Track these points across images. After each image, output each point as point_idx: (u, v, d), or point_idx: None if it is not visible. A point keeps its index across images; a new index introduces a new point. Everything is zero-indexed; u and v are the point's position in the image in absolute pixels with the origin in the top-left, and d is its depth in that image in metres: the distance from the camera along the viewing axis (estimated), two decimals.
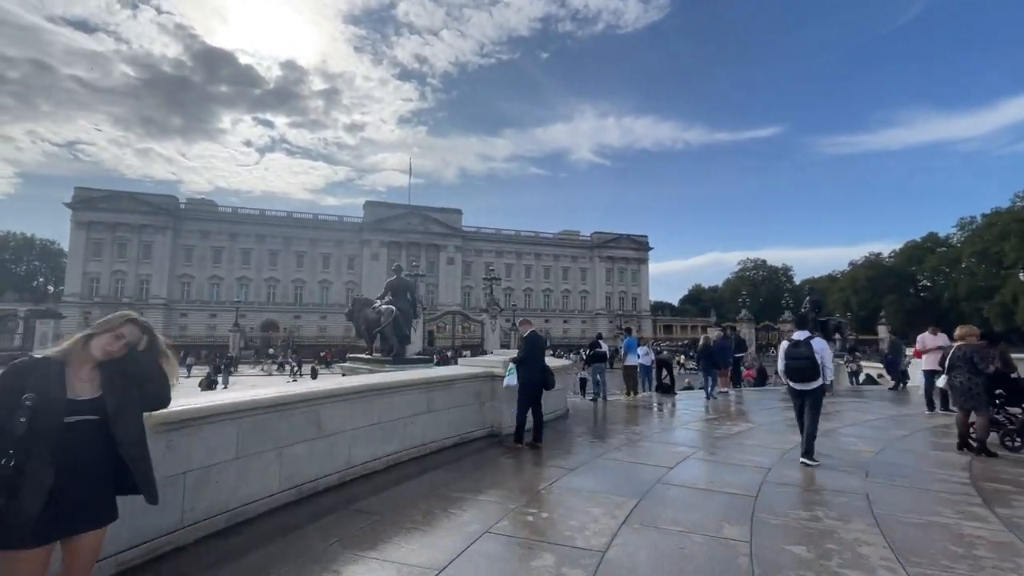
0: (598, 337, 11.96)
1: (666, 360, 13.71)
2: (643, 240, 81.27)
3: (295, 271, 64.64)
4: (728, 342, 13.33)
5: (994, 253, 66.72)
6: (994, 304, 65.03)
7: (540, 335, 7.02)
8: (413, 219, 68.23)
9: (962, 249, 75.47)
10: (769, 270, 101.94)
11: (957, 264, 77.75)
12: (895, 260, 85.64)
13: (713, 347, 11.75)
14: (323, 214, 69.37)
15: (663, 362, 13.36)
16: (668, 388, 12.59)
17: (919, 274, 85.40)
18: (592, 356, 11.26)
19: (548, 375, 6.55)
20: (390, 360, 11.45)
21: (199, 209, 63.26)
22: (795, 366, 5.63)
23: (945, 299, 76.91)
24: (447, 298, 67.27)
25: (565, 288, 77.01)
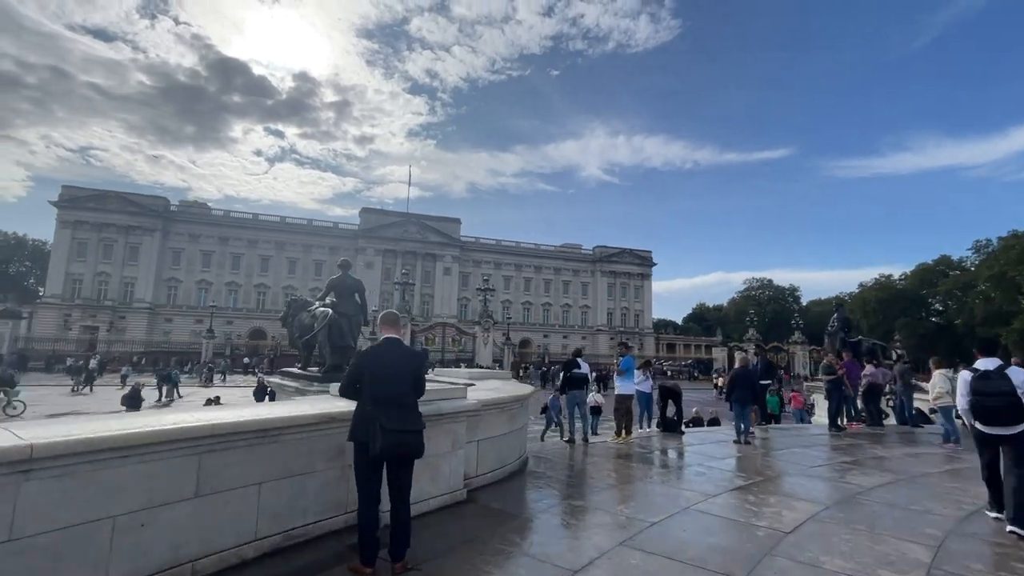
0: (575, 355, 8.84)
1: (672, 388, 10.31)
2: (647, 255, 79.07)
3: (286, 278, 62.62)
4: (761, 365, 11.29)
5: (1011, 277, 64.11)
6: (1012, 330, 62.21)
7: (398, 341, 3.75)
8: (410, 227, 66.32)
9: (977, 272, 72.88)
10: (775, 290, 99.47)
11: (972, 288, 75.07)
12: (907, 282, 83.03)
13: (753, 371, 9.25)
14: (318, 220, 67.57)
15: (668, 391, 10.18)
16: (674, 424, 9.73)
17: (931, 297, 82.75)
18: (568, 380, 8.39)
19: (409, 436, 3.33)
20: (320, 377, 9.20)
21: (189, 211, 61.58)
22: (991, 404, 4.47)
23: (960, 324, 74.10)
24: (443, 309, 65.08)
25: (565, 302, 74.68)
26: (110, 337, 51.61)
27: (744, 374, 8.87)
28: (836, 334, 14.72)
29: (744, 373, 8.88)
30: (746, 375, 8.87)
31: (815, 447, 8.56)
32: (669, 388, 10.20)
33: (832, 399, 9.86)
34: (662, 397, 9.95)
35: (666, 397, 10.01)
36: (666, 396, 10.02)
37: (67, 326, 51.88)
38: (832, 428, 9.88)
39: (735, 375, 8.92)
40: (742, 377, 8.79)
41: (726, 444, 8.35)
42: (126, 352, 45.23)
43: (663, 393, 10.03)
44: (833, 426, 9.93)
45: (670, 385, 10.41)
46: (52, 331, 49.86)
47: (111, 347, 48.31)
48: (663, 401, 9.91)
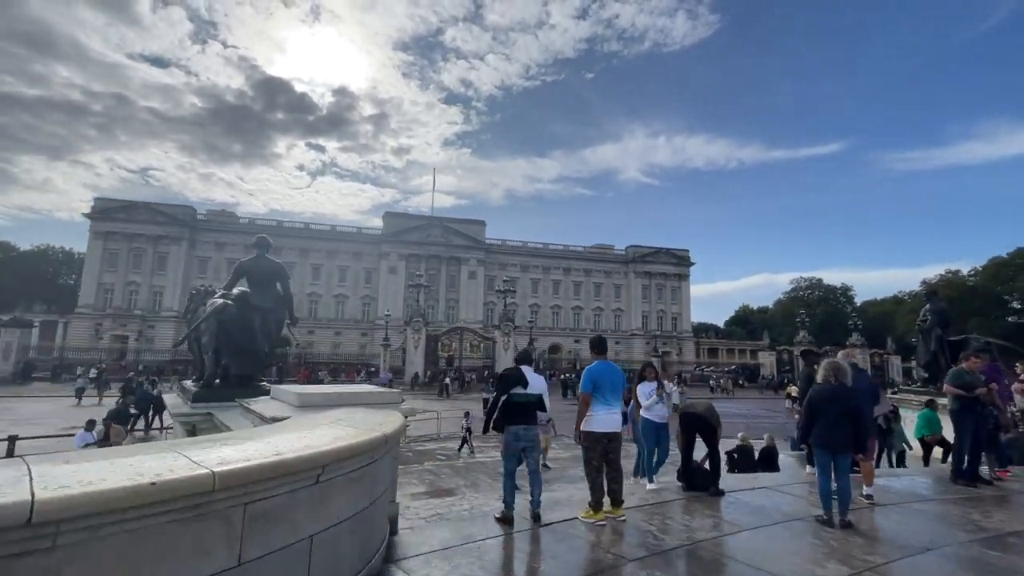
0: (520, 360, 4.98)
1: (700, 416, 6.03)
2: (684, 255, 74.53)
3: (310, 284, 61.92)
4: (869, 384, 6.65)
5: None
6: None
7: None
8: (433, 231, 64.57)
9: None
10: (826, 290, 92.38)
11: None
12: (979, 278, 75.11)
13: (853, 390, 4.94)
14: (341, 225, 66.86)
15: (695, 420, 6.05)
16: (704, 477, 5.88)
17: (1007, 294, 74.44)
18: (508, 405, 4.68)
19: None
20: (203, 393, 6.74)
21: (216, 220, 61.90)
22: None
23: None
24: (468, 314, 62.84)
25: (597, 306, 71.10)
26: (139, 346, 51.93)
27: (835, 394, 4.62)
28: (931, 331, 11.14)
29: (835, 392, 4.63)
30: (839, 395, 4.61)
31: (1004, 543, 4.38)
32: (696, 416, 5.98)
33: (964, 430, 6.05)
34: (685, 430, 6.05)
35: (691, 430, 6.04)
36: (691, 428, 6.04)
37: (98, 335, 52.55)
38: (963, 478, 6.09)
39: (816, 397, 4.74)
40: (831, 398, 4.60)
41: (807, 527, 4.64)
42: (154, 360, 45.04)
43: (686, 424, 6.06)
44: (965, 476, 6.09)
45: (699, 411, 6.00)
46: (85, 341, 50.59)
47: (140, 356, 48.43)
48: (686, 436, 6.02)
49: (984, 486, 5.99)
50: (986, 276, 74.32)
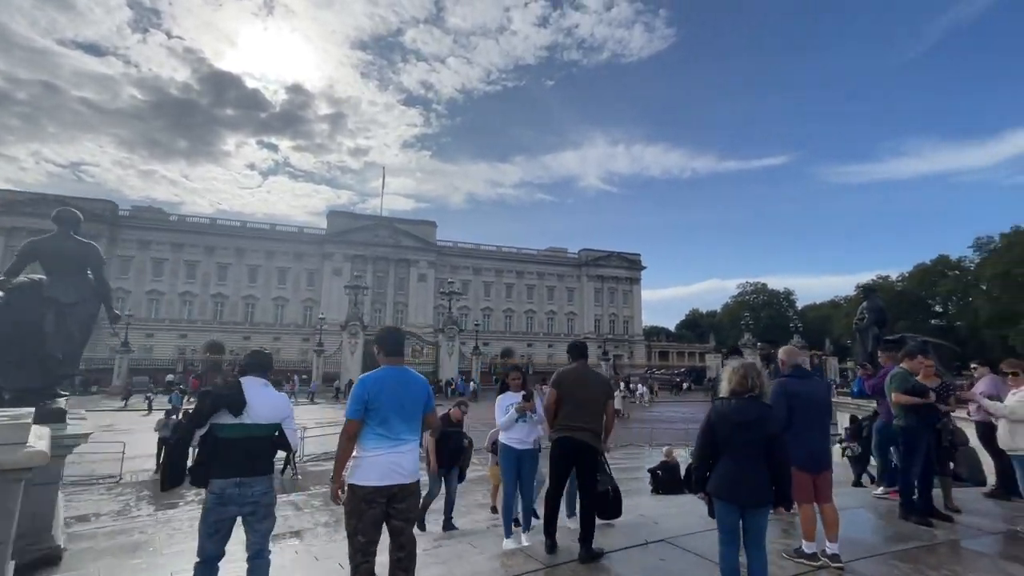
0: (248, 367, 3.29)
1: (581, 446, 4.04)
2: (636, 258, 75.22)
3: (247, 287, 58.08)
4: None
5: (1017, 275, 60.86)
6: (1021, 330, 58.78)
7: None
8: (381, 231, 62.11)
9: (980, 271, 69.71)
10: (770, 294, 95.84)
11: (975, 288, 71.87)
12: (906, 284, 79.81)
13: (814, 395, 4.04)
14: (281, 224, 63.32)
15: (578, 448, 4.05)
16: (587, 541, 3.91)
17: (931, 298, 79.55)
18: (211, 444, 3.00)
19: None
20: None
21: (141, 217, 57.05)
22: None
23: (963, 326, 70.77)
24: (418, 318, 60.71)
25: (550, 309, 70.52)
26: None
27: (745, 413, 2.91)
28: (868, 329, 10.56)
29: (745, 411, 2.91)
30: (753, 415, 2.89)
31: None
32: (574, 443, 4.03)
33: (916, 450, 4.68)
34: (557, 462, 4.12)
35: (566, 461, 4.12)
36: (567, 459, 4.11)
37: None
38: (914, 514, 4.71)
39: (718, 418, 2.97)
40: (742, 421, 2.88)
41: None
42: None
43: (561, 453, 4.10)
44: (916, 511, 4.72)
45: (577, 438, 4.03)
46: None
47: None
48: (558, 469, 4.12)
49: (940, 521, 4.74)
50: (912, 282, 79.05)
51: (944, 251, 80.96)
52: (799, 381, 3.99)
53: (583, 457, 4.05)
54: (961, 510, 5.00)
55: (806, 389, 3.94)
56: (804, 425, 3.81)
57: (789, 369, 4.14)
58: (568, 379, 4.22)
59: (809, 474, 3.78)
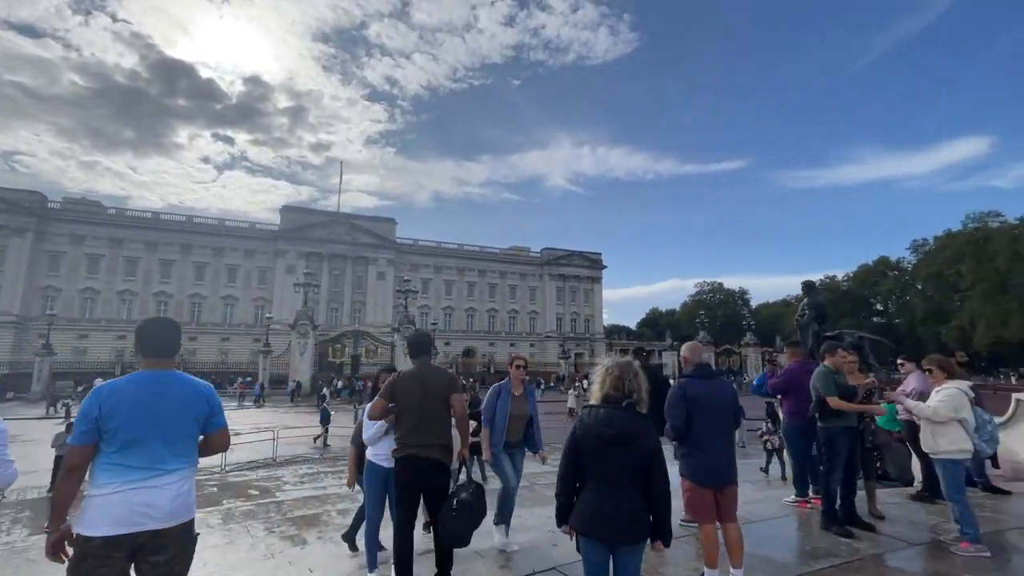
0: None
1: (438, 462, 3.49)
2: (597, 258, 75.94)
3: (193, 285, 55.12)
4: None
5: (948, 276, 64.93)
6: (951, 328, 62.72)
7: None
8: (338, 228, 60.23)
9: (916, 272, 74.05)
10: (726, 293, 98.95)
11: (912, 287, 76.29)
12: (850, 283, 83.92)
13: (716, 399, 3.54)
14: (231, 220, 60.43)
15: (424, 468, 3.44)
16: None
17: (872, 297, 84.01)
18: None
19: None
20: None
21: (74, 209, 53.17)
22: None
23: (901, 323, 74.97)
24: (376, 318, 59.22)
25: (512, 308, 70.24)
26: None
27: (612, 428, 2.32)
28: (808, 325, 10.58)
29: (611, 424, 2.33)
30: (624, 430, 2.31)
31: None
32: (422, 465, 3.43)
33: (837, 453, 4.40)
34: (406, 489, 3.51)
35: (415, 489, 3.52)
36: (416, 487, 3.50)
37: None
38: (836, 524, 4.40)
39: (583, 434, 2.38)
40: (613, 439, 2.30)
41: None
42: None
43: (407, 478, 3.48)
44: (837, 521, 4.41)
45: (423, 456, 3.41)
46: None
47: None
48: (407, 498, 3.50)
49: (863, 531, 4.35)
50: (856, 281, 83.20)
51: (886, 253, 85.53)
52: (701, 382, 3.51)
53: (433, 479, 3.43)
54: (885, 516, 4.79)
55: (709, 391, 3.45)
56: (706, 433, 3.36)
57: (692, 368, 3.64)
58: (404, 385, 3.49)
59: (710, 489, 3.32)
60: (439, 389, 3.52)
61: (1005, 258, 54.46)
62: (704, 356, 3.75)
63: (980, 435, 4.21)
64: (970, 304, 59.70)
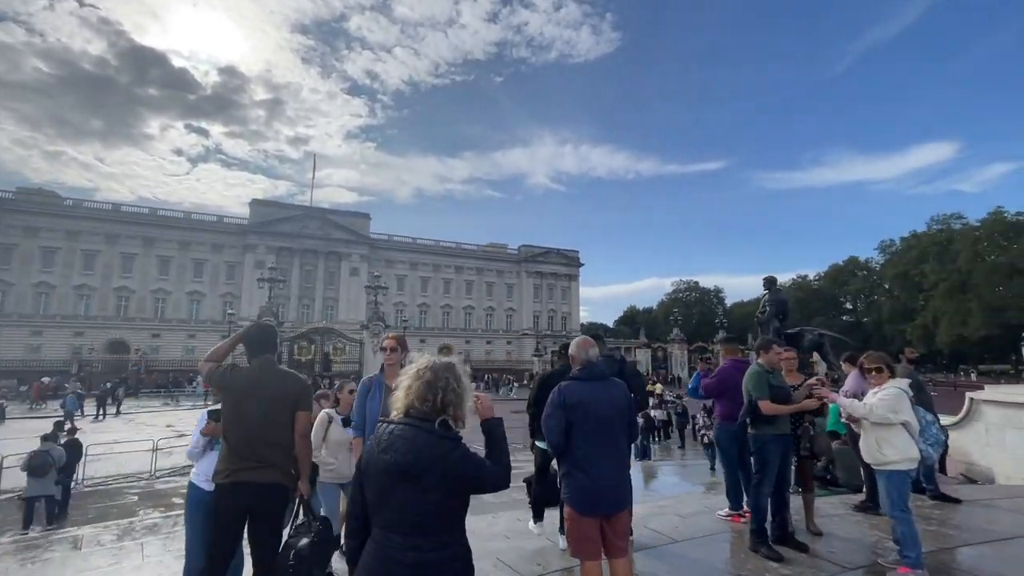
0: None
1: (264, 495, 2.81)
2: (574, 255, 75.92)
3: (157, 280, 53.11)
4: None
5: (913, 276, 66.71)
6: (915, 326, 64.47)
7: None
8: (311, 222, 58.80)
9: (883, 272, 75.90)
10: (701, 292, 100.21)
11: (879, 286, 78.20)
12: (821, 282, 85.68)
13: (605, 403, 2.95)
14: (198, 213, 58.50)
15: (251, 502, 2.78)
16: None
17: (842, 296, 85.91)
18: None
19: None
20: None
21: (28, 200, 50.64)
22: None
23: (868, 322, 76.81)
24: (349, 314, 57.98)
25: (489, 305, 69.72)
26: None
27: (389, 454, 1.71)
28: (769, 322, 10.37)
29: (385, 446, 1.74)
30: (400, 452, 1.69)
31: None
32: (250, 493, 2.74)
33: (768, 462, 4.00)
34: (222, 528, 2.80)
35: (236, 524, 2.79)
36: (238, 521, 2.78)
37: None
38: (764, 545, 3.95)
39: (368, 458, 1.80)
40: (389, 468, 1.70)
41: None
42: None
43: (227, 508, 2.77)
44: (765, 540, 3.98)
45: (252, 481, 2.74)
46: None
47: None
48: (221, 535, 2.79)
49: (796, 551, 3.90)
50: (827, 280, 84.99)
51: (856, 253, 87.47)
52: (587, 385, 2.89)
53: (263, 509, 2.73)
54: (823, 533, 4.40)
55: (595, 396, 2.85)
56: (589, 448, 2.76)
57: (578, 367, 2.99)
58: (237, 387, 2.81)
59: (595, 518, 2.72)
60: (282, 398, 2.87)
61: (966, 259, 56.12)
62: (594, 352, 3.01)
63: (924, 439, 3.84)
64: (933, 303, 61.41)
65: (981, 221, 59.14)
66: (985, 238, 56.87)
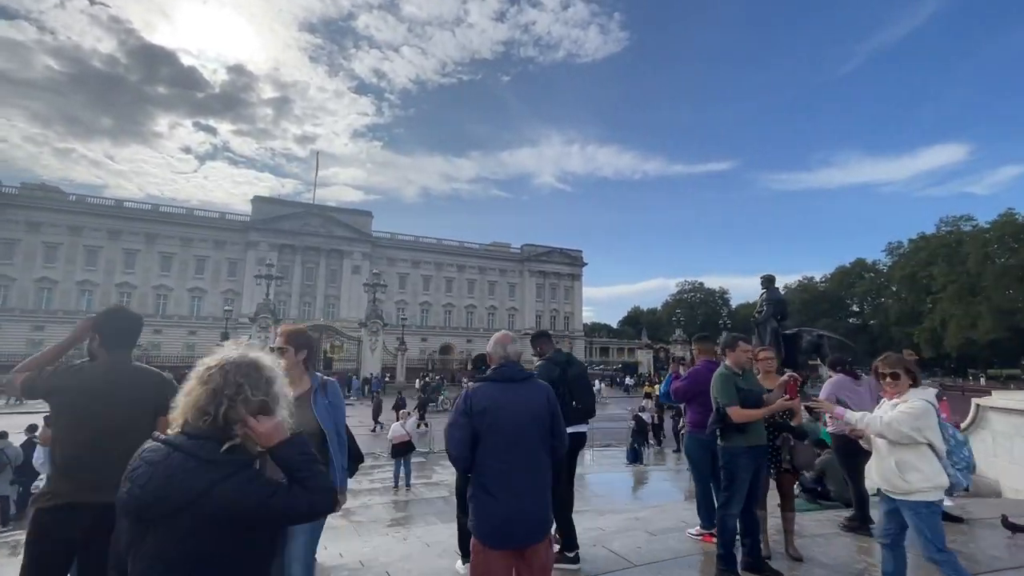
0: None
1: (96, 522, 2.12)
2: (577, 255, 75.44)
3: (159, 276, 53.20)
4: None
5: (922, 278, 65.72)
6: (923, 329, 63.50)
7: None
8: (312, 219, 58.69)
9: (890, 274, 74.87)
10: (706, 292, 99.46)
11: (887, 289, 77.15)
12: (827, 284, 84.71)
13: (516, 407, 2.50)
14: (200, 209, 58.55)
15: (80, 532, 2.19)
16: None
17: (849, 298, 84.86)
18: None
19: None
20: None
21: (30, 195, 50.81)
22: None
23: (875, 324, 75.81)
24: (350, 312, 57.84)
25: (491, 304, 69.40)
26: None
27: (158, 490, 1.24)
28: (766, 322, 9.93)
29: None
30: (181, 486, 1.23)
31: None
32: (82, 520, 2.18)
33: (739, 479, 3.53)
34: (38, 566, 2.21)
35: (63, 558, 2.23)
36: (63, 554, 2.23)
37: None
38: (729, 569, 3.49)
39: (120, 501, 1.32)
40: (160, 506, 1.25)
41: None
42: None
43: (50, 540, 2.22)
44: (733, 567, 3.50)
45: (87, 503, 2.17)
46: None
47: None
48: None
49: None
50: (833, 282, 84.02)
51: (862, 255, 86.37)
52: (497, 388, 2.45)
53: (99, 536, 1.97)
54: (803, 558, 3.89)
55: (509, 401, 2.40)
56: (498, 465, 2.33)
57: (493, 368, 2.56)
58: (72, 390, 2.29)
59: (504, 551, 2.28)
60: (139, 400, 2.35)
61: (976, 261, 55.20)
62: (513, 349, 2.53)
63: (953, 462, 3.05)
64: (941, 305, 60.46)
65: (992, 223, 58.12)
66: (995, 240, 55.91)
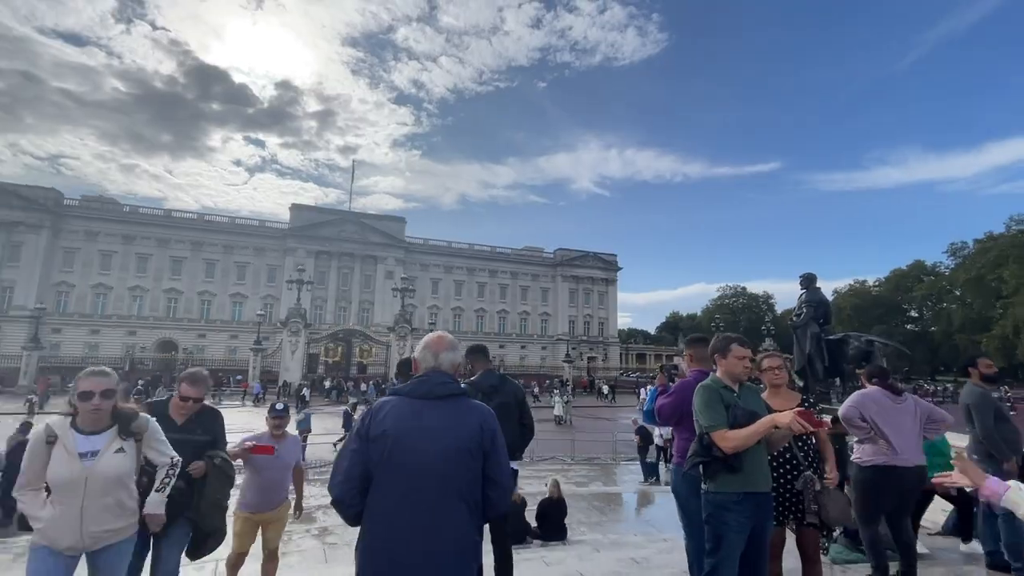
0: None
1: None
2: (611, 259, 73.82)
3: (203, 282, 55.34)
4: None
5: (990, 281, 60.58)
6: (992, 336, 58.41)
7: None
8: (347, 226, 59.79)
9: (953, 277, 69.49)
10: (749, 298, 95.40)
11: (948, 293, 71.71)
12: (882, 288, 79.58)
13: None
14: (242, 217, 60.66)
15: None
16: None
17: (906, 304, 79.36)
18: None
19: None
20: None
21: (88, 206, 53.98)
22: None
23: (937, 331, 70.51)
24: (384, 318, 58.39)
25: (523, 310, 68.74)
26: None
27: None
28: (806, 326, 8.80)
29: None
30: None
31: None
32: None
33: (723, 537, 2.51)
34: None
35: None
36: None
37: None
38: None
39: None
40: None
41: None
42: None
43: None
44: None
45: None
46: None
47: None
48: None
49: None
50: (888, 286, 78.85)
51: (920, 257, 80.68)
52: (408, 406, 1.80)
53: None
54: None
55: (413, 425, 1.74)
56: (390, 508, 1.68)
57: (416, 378, 1.88)
58: None
59: None
60: None
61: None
62: (447, 358, 1.90)
63: None
64: (1013, 311, 55.45)
65: None
66: None
